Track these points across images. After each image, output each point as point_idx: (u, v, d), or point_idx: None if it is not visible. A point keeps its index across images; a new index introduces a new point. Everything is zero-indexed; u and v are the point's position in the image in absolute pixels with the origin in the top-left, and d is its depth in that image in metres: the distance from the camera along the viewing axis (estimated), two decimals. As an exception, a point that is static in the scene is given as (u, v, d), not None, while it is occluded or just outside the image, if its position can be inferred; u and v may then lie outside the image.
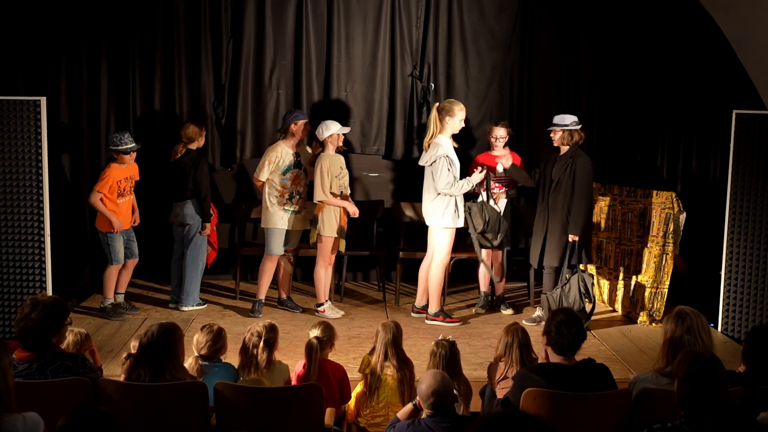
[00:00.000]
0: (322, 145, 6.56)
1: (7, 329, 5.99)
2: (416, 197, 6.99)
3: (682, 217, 6.49)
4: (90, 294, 7.20)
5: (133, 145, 6.50)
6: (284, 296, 6.94)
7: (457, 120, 6.42)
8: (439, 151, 6.36)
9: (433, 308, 6.60)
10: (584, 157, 6.40)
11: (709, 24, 7.36)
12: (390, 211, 7.75)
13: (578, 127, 6.42)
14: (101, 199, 6.39)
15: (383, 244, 7.63)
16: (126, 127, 7.01)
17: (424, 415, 3.64)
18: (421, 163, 6.57)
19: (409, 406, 3.85)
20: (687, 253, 6.87)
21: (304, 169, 6.67)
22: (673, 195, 6.52)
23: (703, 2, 7.32)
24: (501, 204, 6.75)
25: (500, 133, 6.85)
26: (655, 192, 6.63)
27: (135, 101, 7.53)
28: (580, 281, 6.24)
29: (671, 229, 6.47)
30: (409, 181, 7.77)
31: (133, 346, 4.23)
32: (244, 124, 7.63)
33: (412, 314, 6.75)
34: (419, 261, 6.70)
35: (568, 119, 6.43)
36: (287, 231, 6.66)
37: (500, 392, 4.13)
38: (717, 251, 6.59)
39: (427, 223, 6.58)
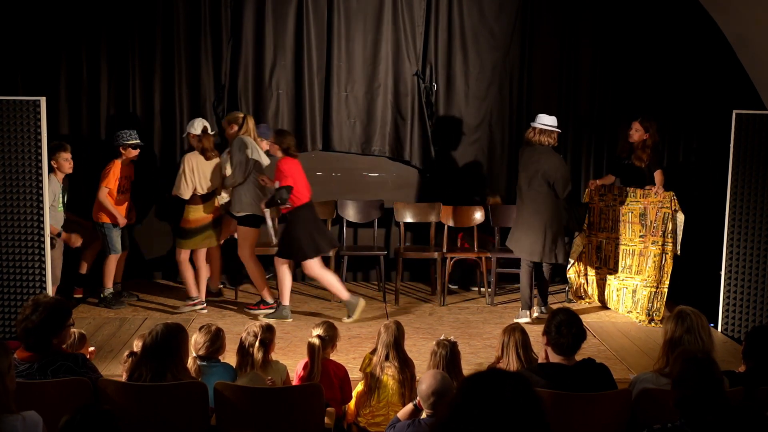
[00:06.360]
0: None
1: (7, 329, 5.98)
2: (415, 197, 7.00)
3: (681, 216, 6.49)
4: (91, 292, 7.18)
5: (139, 141, 6.75)
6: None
7: None
8: None
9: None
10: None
11: (709, 24, 7.36)
12: (390, 211, 7.74)
13: (542, 126, 6.38)
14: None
15: (383, 244, 7.62)
16: (126, 127, 7.01)
17: (424, 415, 3.64)
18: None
19: (409, 406, 3.84)
20: (687, 253, 6.87)
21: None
22: (671, 194, 6.52)
23: (703, 2, 7.32)
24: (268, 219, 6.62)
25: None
26: (653, 191, 6.62)
27: (135, 101, 7.53)
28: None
29: (670, 228, 6.47)
30: (410, 181, 7.77)
31: (136, 345, 4.23)
32: (244, 124, 7.64)
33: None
34: (419, 261, 6.68)
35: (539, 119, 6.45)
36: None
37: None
38: (717, 251, 6.58)
39: None
